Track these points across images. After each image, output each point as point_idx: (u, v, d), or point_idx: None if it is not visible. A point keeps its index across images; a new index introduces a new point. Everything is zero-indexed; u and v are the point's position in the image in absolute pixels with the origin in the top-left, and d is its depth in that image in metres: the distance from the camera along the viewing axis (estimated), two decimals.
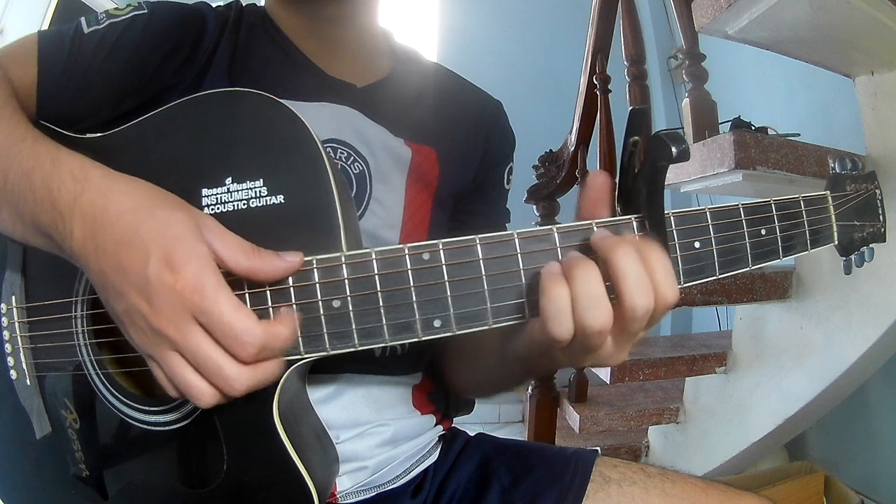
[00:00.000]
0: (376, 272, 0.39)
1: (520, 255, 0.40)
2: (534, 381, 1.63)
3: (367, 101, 0.62)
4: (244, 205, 0.42)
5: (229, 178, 0.43)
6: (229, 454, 0.44)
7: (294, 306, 0.40)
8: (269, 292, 0.40)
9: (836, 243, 0.50)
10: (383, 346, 0.40)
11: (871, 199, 0.51)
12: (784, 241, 0.45)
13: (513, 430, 2.68)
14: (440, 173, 0.65)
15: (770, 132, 1.29)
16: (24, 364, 0.52)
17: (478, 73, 0.77)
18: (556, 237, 0.40)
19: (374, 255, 0.40)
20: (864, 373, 1.27)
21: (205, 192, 0.43)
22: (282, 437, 0.42)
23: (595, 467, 0.61)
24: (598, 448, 0.85)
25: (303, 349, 0.40)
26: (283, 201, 0.42)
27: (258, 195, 0.42)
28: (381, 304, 0.39)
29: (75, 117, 0.53)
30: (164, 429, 0.47)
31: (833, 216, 0.49)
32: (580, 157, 1.64)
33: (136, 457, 0.50)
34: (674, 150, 0.38)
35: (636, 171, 0.40)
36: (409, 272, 0.39)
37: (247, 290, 0.40)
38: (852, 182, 0.51)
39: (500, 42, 3.19)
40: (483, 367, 0.58)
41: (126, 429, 0.48)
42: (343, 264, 0.40)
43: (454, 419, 0.71)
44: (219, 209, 0.42)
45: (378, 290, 0.39)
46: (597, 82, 1.55)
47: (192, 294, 0.35)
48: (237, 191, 0.42)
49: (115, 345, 0.48)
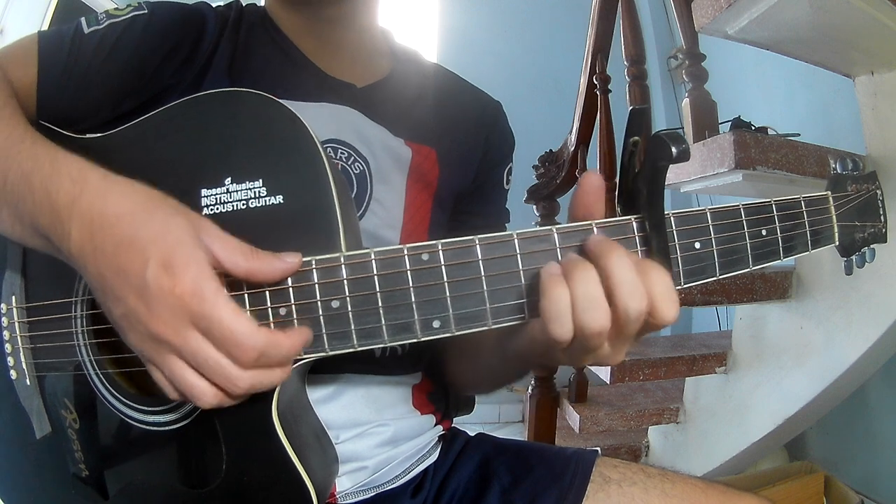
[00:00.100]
0: (375, 273, 0.39)
1: (519, 256, 0.40)
2: (534, 380, 1.63)
3: (367, 102, 0.62)
4: (243, 205, 0.42)
5: (229, 179, 0.43)
6: (228, 454, 0.44)
7: (296, 320, 0.39)
8: (268, 293, 0.40)
9: (838, 244, 0.49)
10: (383, 346, 0.40)
11: (872, 200, 0.51)
12: (785, 242, 0.45)
13: (513, 430, 2.68)
14: (440, 173, 0.65)
15: (770, 132, 1.29)
16: (24, 364, 0.52)
17: (478, 74, 0.77)
18: (556, 238, 0.40)
19: (373, 255, 0.40)
20: (865, 373, 1.27)
21: (204, 192, 0.43)
22: (280, 438, 0.42)
23: (595, 467, 0.61)
24: (598, 448, 0.85)
25: (302, 350, 0.40)
26: (282, 201, 0.42)
27: (257, 195, 0.42)
28: (380, 304, 0.39)
29: (75, 117, 0.53)
30: (164, 429, 0.47)
31: (834, 217, 0.49)
32: (580, 157, 1.64)
33: (135, 457, 0.50)
34: (674, 150, 0.37)
35: (636, 171, 0.40)
36: (409, 273, 0.39)
37: (246, 291, 0.40)
38: (853, 182, 0.51)
39: (500, 42, 3.19)
40: (483, 366, 0.58)
41: (126, 429, 0.48)
42: (342, 265, 0.40)
43: (454, 419, 0.71)
44: (218, 209, 0.42)
45: (377, 290, 0.39)
46: (597, 82, 1.55)
47: (191, 299, 0.35)
48: (237, 191, 0.42)
49: (115, 345, 0.48)
